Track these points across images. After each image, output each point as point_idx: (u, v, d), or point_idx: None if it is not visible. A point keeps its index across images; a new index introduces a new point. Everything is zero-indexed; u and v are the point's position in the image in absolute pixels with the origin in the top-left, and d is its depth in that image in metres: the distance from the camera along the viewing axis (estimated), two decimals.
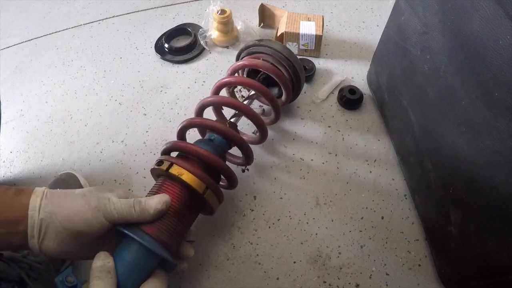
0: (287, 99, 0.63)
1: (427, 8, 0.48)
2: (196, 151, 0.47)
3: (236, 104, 0.54)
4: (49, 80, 0.80)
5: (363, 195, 0.61)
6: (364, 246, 0.56)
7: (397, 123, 0.63)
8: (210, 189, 0.46)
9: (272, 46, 0.60)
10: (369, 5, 0.94)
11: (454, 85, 0.43)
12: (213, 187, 0.47)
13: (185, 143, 0.49)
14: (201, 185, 0.45)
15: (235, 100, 0.56)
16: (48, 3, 1.01)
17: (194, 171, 0.45)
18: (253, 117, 0.55)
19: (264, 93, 0.56)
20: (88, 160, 0.66)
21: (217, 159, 0.48)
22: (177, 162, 0.45)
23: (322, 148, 0.66)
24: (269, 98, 0.58)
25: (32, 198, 0.36)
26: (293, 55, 0.61)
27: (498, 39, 0.35)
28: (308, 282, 0.53)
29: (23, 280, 0.44)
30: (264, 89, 0.56)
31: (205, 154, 0.47)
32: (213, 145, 0.51)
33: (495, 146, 0.37)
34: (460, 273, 0.47)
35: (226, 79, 0.58)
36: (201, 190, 0.45)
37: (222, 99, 0.58)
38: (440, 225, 0.50)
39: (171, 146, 0.50)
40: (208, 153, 0.48)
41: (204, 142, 0.52)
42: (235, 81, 0.58)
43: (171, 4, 0.97)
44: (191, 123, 0.53)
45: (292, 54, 0.61)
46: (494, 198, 0.39)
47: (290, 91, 0.62)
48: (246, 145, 0.54)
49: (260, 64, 0.58)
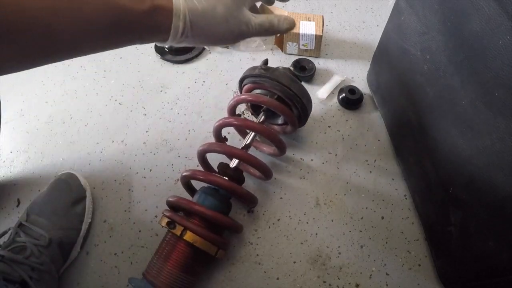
0: (292, 130, 0.62)
1: (427, 8, 0.48)
2: (205, 213, 0.48)
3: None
4: (49, 80, 0.80)
5: (363, 195, 0.61)
6: (364, 246, 0.56)
7: (397, 123, 0.63)
8: (221, 249, 0.49)
9: (280, 81, 0.55)
10: (369, 5, 0.94)
11: (454, 85, 0.43)
12: (224, 247, 0.50)
13: (191, 203, 0.50)
14: (213, 248, 0.48)
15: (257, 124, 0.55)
16: None
17: (208, 237, 0.47)
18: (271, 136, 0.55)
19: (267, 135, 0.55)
20: (88, 160, 0.66)
21: (224, 218, 0.50)
22: (189, 227, 0.47)
23: (322, 148, 0.66)
24: (273, 140, 0.56)
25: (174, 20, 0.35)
26: (302, 88, 0.57)
27: (498, 39, 0.35)
28: (308, 282, 0.53)
29: (25, 282, 0.44)
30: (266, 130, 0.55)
31: (213, 216, 0.49)
32: (218, 197, 0.52)
33: (495, 146, 0.37)
34: (460, 273, 0.47)
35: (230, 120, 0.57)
36: (213, 252, 0.48)
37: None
38: (440, 225, 0.50)
39: (176, 204, 0.51)
40: (214, 214, 0.48)
41: (209, 194, 0.52)
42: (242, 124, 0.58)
43: None
44: (194, 174, 0.52)
45: (301, 87, 0.57)
46: (494, 198, 0.39)
47: (297, 125, 0.59)
48: (247, 195, 0.53)
49: (268, 101, 0.55)
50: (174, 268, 0.46)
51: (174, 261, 0.47)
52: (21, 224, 0.50)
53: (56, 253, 0.50)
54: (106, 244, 0.57)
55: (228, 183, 0.50)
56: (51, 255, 0.49)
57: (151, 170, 0.64)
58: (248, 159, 0.52)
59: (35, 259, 0.47)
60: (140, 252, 0.56)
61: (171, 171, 0.64)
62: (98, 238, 0.57)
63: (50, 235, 0.50)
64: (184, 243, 0.47)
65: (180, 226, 0.47)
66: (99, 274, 0.54)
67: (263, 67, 0.56)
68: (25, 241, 0.48)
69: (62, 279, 0.53)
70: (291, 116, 0.56)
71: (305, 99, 0.57)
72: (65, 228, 0.52)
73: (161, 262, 0.47)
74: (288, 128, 0.62)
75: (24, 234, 0.49)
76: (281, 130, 0.65)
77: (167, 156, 0.66)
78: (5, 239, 0.50)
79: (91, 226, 0.58)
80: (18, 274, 0.44)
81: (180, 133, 0.69)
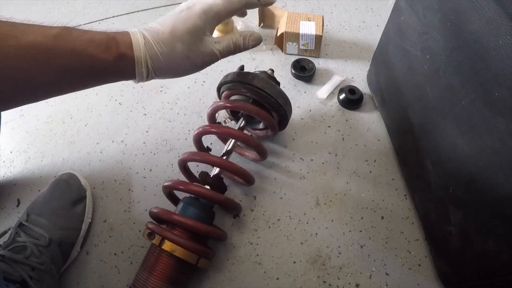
0: (273, 134, 0.61)
1: (427, 8, 0.48)
2: (184, 223, 0.48)
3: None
4: None
5: (363, 195, 0.61)
6: (364, 246, 0.56)
7: (397, 123, 0.63)
8: (202, 257, 0.49)
9: (253, 84, 0.53)
10: (369, 5, 0.94)
11: (454, 85, 0.43)
12: (206, 255, 0.50)
13: (170, 213, 0.50)
14: (194, 257, 0.48)
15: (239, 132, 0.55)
16: (48, 3, 1.01)
17: (186, 245, 0.47)
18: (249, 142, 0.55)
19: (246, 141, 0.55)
20: (88, 160, 0.66)
21: (204, 227, 0.49)
22: (168, 236, 0.47)
23: (322, 148, 0.66)
24: (254, 146, 0.56)
25: (137, 68, 0.39)
26: (277, 89, 0.55)
27: (498, 39, 0.35)
28: (308, 282, 0.53)
29: (25, 281, 0.44)
30: (245, 136, 0.55)
31: (192, 225, 0.48)
32: (199, 206, 0.51)
33: (495, 146, 0.37)
34: (460, 273, 0.47)
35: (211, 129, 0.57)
36: (194, 261, 0.48)
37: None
38: (440, 225, 0.50)
39: (157, 215, 0.51)
40: (193, 223, 0.48)
41: (190, 204, 0.51)
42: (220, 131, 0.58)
43: (171, 4, 0.97)
44: (174, 185, 0.52)
45: (275, 88, 0.55)
46: (494, 198, 0.39)
47: (275, 126, 0.58)
48: (228, 203, 0.53)
49: (239, 106, 0.55)
50: (159, 280, 0.46)
51: (159, 272, 0.47)
52: (21, 224, 0.51)
53: (56, 253, 0.50)
54: (106, 244, 0.57)
55: (208, 192, 0.50)
56: (51, 255, 0.49)
57: (151, 170, 0.64)
58: (227, 166, 0.52)
59: (35, 259, 0.47)
60: (140, 252, 0.56)
61: (171, 171, 0.64)
62: (98, 238, 0.57)
63: (50, 235, 0.50)
64: (166, 254, 0.47)
65: (159, 236, 0.47)
66: (99, 274, 0.54)
67: (236, 72, 0.56)
68: (25, 241, 0.48)
69: (62, 279, 0.53)
70: (266, 118, 0.55)
71: (281, 99, 0.55)
72: (65, 228, 0.52)
73: (146, 274, 0.47)
74: (269, 132, 0.61)
75: (24, 234, 0.49)
76: (264, 135, 0.65)
77: (167, 156, 0.66)
78: (5, 239, 0.50)
79: (91, 226, 0.58)
80: (18, 273, 0.44)
81: (180, 133, 0.69)
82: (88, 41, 0.36)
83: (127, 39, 0.39)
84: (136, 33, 0.40)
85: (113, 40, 0.38)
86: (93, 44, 0.36)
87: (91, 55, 0.36)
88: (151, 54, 0.39)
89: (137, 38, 0.39)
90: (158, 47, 0.39)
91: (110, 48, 0.37)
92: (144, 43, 0.39)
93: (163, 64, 0.40)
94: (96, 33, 0.38)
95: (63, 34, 0.35)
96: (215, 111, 0.58)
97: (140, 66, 0.39)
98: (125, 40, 0.38)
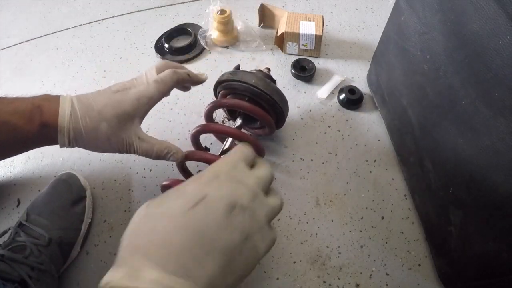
0: (271, 131, 0.62)
1: (427, 8, 0.48)
2: None
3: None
4: (49, 80, 0.80)
5: (363, 195, 0.61)
6: (364, 246, 0.56)
7: (397, 123, 0.63)
8: None
9: (246, 82, 0.54)
10: (369, 5, 0.94)
11: (454, 85, 0.43)
12: None
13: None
14: None
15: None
16: (48, 3, 1.01)
17: None
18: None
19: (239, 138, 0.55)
20: (88, 160, 0.66)
21: None
22: None
23: (322, 148, 0.66)
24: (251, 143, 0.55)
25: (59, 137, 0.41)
26: (272, 86, 0.55)
27: (498, 39, 0.35)
28: (308, 282, 0.53)
29: (24, 281, 0.44)
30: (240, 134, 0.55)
31: None
32: None
33: (495, 146, 0.37)
34: (460, 273, 0.47)
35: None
36: None
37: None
38: (440, 225, 0.50)
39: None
40: None
41: None
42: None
43: (171, 4, 0.97)
44: (172, 184, 0.50)
45: (270, 85, 0.55)
46: (494, 198, 0.39)
47: (271, 122, 0.58)
48: None
49: (235, 103, 0.55)
50: None
51: None
52: (21, 224, 0.51)
53: (56, 252, 0.50)
54: (106, 244, 0.57)
55: None
56: (51, 254, 0.49)
57: (151, 170, 0.64)
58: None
59: (35, 258, 0.47)
60: None
61: (171, 171, 0.64)
62: (98, 238, 0.57)
63: (50, 234, 0.50)
64: None
65: None
66: (99, 274, 0.54)
67: (231, 71, 0.56)
68: (25, 241, 0.48)
69: (62, 279, 0.52)
70: (261, 115, 0.55)
71: (276, 96, 0.55)
72: (65, 228, 0.52)
73: None
74: (267, 130, 0.62)
75: (24, 233, 0.49)
76: (262, 133, 0.65)
77: None
78: (5, 238, 0.50)
79: (91, 226, 0.58)
80: (18, 273, 0.44)
81: (180, 133, 0.69)
82: (12, 112, 0.38)
83: (54, 108, 0.40)
84: (66, 101, 0.41)
85: (37, 109, 0.39)
86: (16, 115, 0.38)
87: (15, 126, 0.38)
88: (74, 127, 0.40)
89: (64, 108, 0.40)
90: (83, 122, 0.40)
91: (33, 118, 0.39)
92: (70, 114, 0.40)
93: (84, 138, 0.41)
94: (21, 102, 0.39)
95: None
96: (211, 110, 0.58)
97: (62, 136, 0.41)
98: (52, 108, 0.40)
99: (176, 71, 0.47)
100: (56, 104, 0.40)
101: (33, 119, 0.39)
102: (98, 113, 0.41)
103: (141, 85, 0.44)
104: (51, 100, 0.41)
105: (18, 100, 0.40)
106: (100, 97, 0.42)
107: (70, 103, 0.41)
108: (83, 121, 0.41)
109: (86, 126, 0.41)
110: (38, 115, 0.39)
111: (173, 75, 0.47)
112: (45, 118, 0.40)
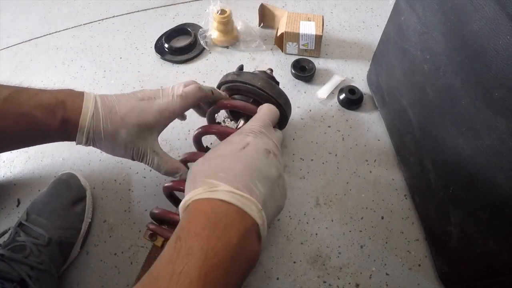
0: None
1: (427, 8, 0.48)
2: None
3: None
4: (49, 80, 0.80)
5: (363, 195, 0.61)
6: (364, 246, 0.56)
7: (397, 123, 0.63)
8: None
9: (252, 83, 0.53)
10: (369, 5, 0.94)
11: (454, 85, 0.43)
12: None
13: (171, 214, 0.49)
14: None
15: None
16: (48, 3, 1.01)
17: None
18: None
19: None
20: (88, 160, 0.66)
21: None
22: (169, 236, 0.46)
23: (322, 148, 0.66)
24: None
25: (78, 135, 0.41)
26: (277, 88, 0.55)
27: (498, 39, 0.35)
28: (308, 282, 0.53)
29: (24, 281, 0.44)
30: None
31: None
32: None
33: (495, 146, 0.37)
34: (460, 273, 0.47)
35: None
36: None
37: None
38: (440, 225, 0.50)
39: (159, 216, 0.50)
40: None
41: None
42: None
43: (171, 4, 0.97)
44: (175, 186, 0.51)
45: (275, 88, 0.55)
46: (494, 198, 0.39)
47: (276, 127, 0.56)
48: None
49: (241, 106, 0.54)
50: None
51: None
52: (21, 224, 0.51)
53: (56, 252, 0.50)
54: (106, 244, 0.57)
55: None
56: (51, 254, 0.49)
57: (151, 170, 0.64)
58: None
59: (35, 258, 0.47)
60: (140, 252, 0.56)
61: None
62: (98, 238, 0.57)
63: (49, 234, 0.50)
64: None
65: (161, 238, 0.47)
66: (99, 274, 0.54)
67: (235, 72, 0.56)
68: (25, 241, 0.48)
69: (62, 279, 0.52)
70: None
71: (281, 99, 0.55)
72: (65, 228, 0.52)
73: None
74: None
75: (24, 233, 0.49)
76: None
77: None
78: (5, 238, 0.50)
79: (91, 226, 0.58)
80: (17, 273, 0.44)
81: (180, 133, 0.69)
82: (36, 105, 0.38)
83: (77, 105, 0.40)
84: (90, 99, 0.41)
85: (61, 104, 0.39)
86: (40, 108, 0.38)
87: (37, 119, 0.38)
88: (95, 128, 0.40)
89: (87, 106, 0.40)
90: (104, 124, 0.41)
91: (56, 113, 0.39)
92: (93, 114, 0.40)
93: (102, 141, 0.42)
94: (45, 95, 0.39)
95: (12, 97, 0.38)
96: (215, 111, 0.58)
97: (81, 134, 0.41)
98: (75, 105, 0.40)
99: (201, 87, 0.48)
100: (80, 101, 0.40)
101: (56, 114, 0.39)
102: (121, 119, 0.41)
103: (166, 97, 0.44)
104: (74, 96, 0.41)
105: (42, 93, 0.39)
106: (125, 102, 0.42)
107: (93, 102, 0.41)
108: (105, 124, 0.40)
109: (106, 129, 0.41)
110: (61, 110, 0.39)
111: (197, 91, 0.47)
112: (68, 115, 0.39)
